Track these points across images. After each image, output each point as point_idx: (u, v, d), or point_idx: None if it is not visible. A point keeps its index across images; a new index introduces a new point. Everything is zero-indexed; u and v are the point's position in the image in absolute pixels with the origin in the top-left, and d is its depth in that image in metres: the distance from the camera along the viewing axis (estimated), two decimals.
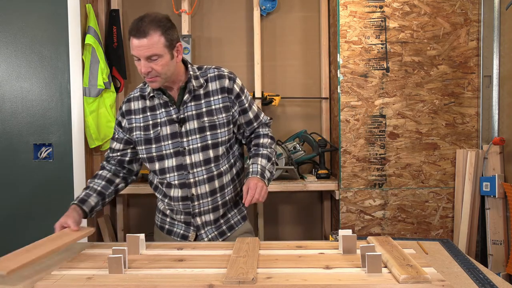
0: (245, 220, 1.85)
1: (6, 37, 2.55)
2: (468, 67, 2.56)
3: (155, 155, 1.70)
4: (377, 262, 1.24)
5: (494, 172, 2.47)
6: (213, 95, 1.70)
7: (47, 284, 1.21)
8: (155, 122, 1.70)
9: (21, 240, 2.54)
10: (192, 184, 1.69)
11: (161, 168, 1.70)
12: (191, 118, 1.67)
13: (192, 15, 2.90)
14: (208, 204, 1.72)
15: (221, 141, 1.69)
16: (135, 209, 3.01)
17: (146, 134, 1.70)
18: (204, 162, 1.68)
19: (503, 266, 2.46)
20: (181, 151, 1.68)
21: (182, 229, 1.78)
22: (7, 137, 2.56)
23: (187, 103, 1.68)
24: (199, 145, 1.67)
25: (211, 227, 1.76)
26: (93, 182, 1.76)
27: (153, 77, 1.59)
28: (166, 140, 1.68)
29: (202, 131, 1.67)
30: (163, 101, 1.69)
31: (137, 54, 1.56)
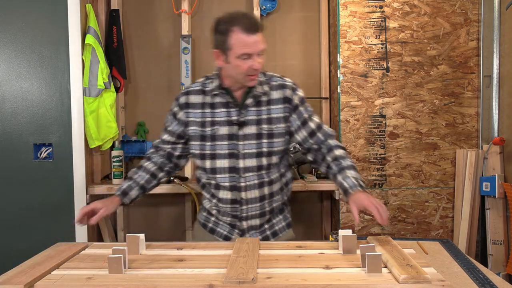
0: (289, 227, 1.84)
1: (6, 37, 2.55)
2: (468, 67, 2.56)
3: (208, 153, 1.68)
4: (377, 262, 1.24)
5: (494, 172, 2.47)
6: (274, 104, 1.68)
7: (47, 284, 1.21)
8: (213, 120, 1.67)
9: (21, 240, 2.55)
10: (242, 188, 1.68)
11: (212, 167, 1.69)
12: (251, 123, 1.66)
13: (192, 15, 2.90)
14: (256, 210, 1.72)
15: (276, 150, 1.68)
16: (135, 209, 3.01)
17: (202, 130, 1.68)
18: (257, 168, 1.67)
19: (503, 266, 2.46)
20: (235, 153, 1.66)
21: (226, 230, 1.77)
22: (7, 137, 2.56)
23: (249, 107, 1.66)
24: (255, 150, 1.66)
25: (256, 232, 1.76)
26: (137, 174, 1.77)
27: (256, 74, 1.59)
28: (222, 140, 1.66)
29: (260, 137, 1.66)
30: (225, 101, 1.67)
31: (252, 50, 1.54)
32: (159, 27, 2.95)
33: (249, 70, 1.57)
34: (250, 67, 1.56)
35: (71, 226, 2.57)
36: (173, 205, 2.98)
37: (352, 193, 1.56)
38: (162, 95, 2.95)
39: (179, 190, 2.65)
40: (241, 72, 1.58)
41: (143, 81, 2.96)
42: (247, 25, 1.53)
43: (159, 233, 2.99)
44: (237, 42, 1.53)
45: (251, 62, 1.55)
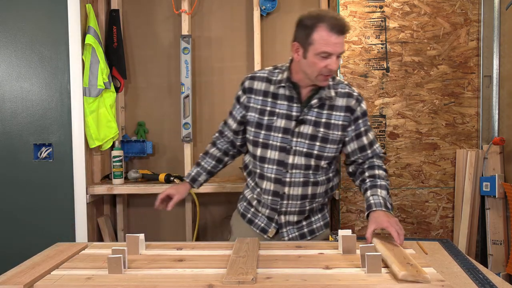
0: (327, 227, 1.86)
1: (6, 37, 2.55)
2: (468, 67, 2.56)
3: (261, 141, 1.70)
4: (376, 262, 1.24)
5: (494, 172, 2.47)
6: (337, 111, 1.68)
7: (47, 284, 1.21)
8: (273, 110, 1.68)
9: (21, 240, 2.55)
10: (286, 183, 1.69)
11: (262, 156, 1.71)
12: (309, 123, 1.66)
13: (192, 15, 2.90)
14: (296, 207, 1.73)
15: (326, 155, 1.69)
16: (135, 209, 3.01)
17: (260, 118, 1.70)
18: (304, 166, 1.68)
19: (503, 266, 2.46)
20: (287, 148, 1.67)
21: (263, 222, 1.79)
22: (7, 137, 2.56)
23: (312, 107, 1.67)
24: (305, 150, 1.67)
25: (293, 227, 1.77)
26: (205, 160, 1.89)
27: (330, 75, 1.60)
28: (277, 132, 1.68)
29: (313, 139, 1.67)
30: (289, 95, 1.67)
31: (334, 51, 1.54)
32: (159, 27, 2.95)
33: (324, 69, 1.56)
34: (326, 66, 1.55)
35: (71, 226, 2.57)
36: None
37: (375, 211, 1.57)
38: (162, 95, 2.96)
39: None
40: (316, 70, 1.57)
41: (143, 81, 2.96)
42: (334, 25, 1.52)
43: (159, 233, 2.99)
44: (320, 39, 1.53)
45: (329, 62, 1.55)
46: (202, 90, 2.94)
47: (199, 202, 2.70)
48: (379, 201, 1.59)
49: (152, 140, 2.95)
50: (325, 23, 1.53)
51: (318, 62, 1.55)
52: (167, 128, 2.96)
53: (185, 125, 2.82)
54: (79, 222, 2.57)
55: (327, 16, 1.55)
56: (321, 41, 1.53)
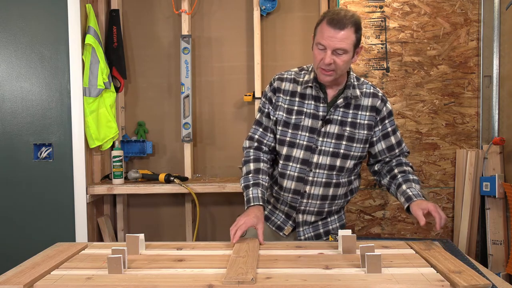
0: (343, 228, 1.84)
1: (6, 37, 2.55)
2: (468, 67, 2.56)
3: (288, 140, 1.71)
4: (376, 262, 1.24)
5: (494, 172, 2.47)
6: (362, 110, 1.70)
7: (46, 284, 1.21)
8: (300, 110, 1.70)
9: (21, 240, 2.55)
10: (309, 182, 1.71)
11: (287, 154, 1.72)
12: (335, 122, 1.68)
13: (192, 15, 2.90)
14: (315, 206, 1.74)
15: (352, 155, 1.70)
16: (135, 209, 3.01)
17: (287, 117, 1.71)
18: (328, 167, 1.69)
19: (503, 266, 2.46)
20: (312, 147, 1.69)
21: (280, 220, 1.80)
22: (7, 137, 2.56)
23: (338, 107, 1.68)
24: (331, 149, 1.68)
25: (309, 227, 1.78)
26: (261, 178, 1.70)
27: (331, 70, 1.60)
28: (304, 131, 1.69)
29: (340, 138, 1.68)
30: (315, 95, 1.69)
31: (327, 44, 1.56)
32: (159, 27, 2.95)
33: (320, 62, 1.59)
34: (321, 59, 1.58)
35: (71, 226, 2.57)
36: (173, 205, 2.98)
37: (416, 200, 1.58)
38: (162, 95, 2.96)
39: (179, 190, 2.65)
40: (316, 62, 1.62)
41: (143, 81, 2.96)
42: (331, 19, 1.56)
43: (159, 233, 2.99)
44: (320, 31, 1.59)
45: (323, 55, 1.57)
46: (202, 90, 2.94)
47: (199, 202, 2.70)
48: (417, 192, 1.61)
49: (152, 140, 2.95)
50: (327, 17, 1.58)
51: (316, 54, 1.60)
52: (167, 128, 2.96)
53: (185, 125, 2.82)
54: (79, 222, 2.57)
55: (331, 11, 1.59)
56: (319, 33, 1.59)
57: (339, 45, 1.55)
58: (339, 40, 1.55)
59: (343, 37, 1.55)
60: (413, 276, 1.22)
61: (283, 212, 1.79)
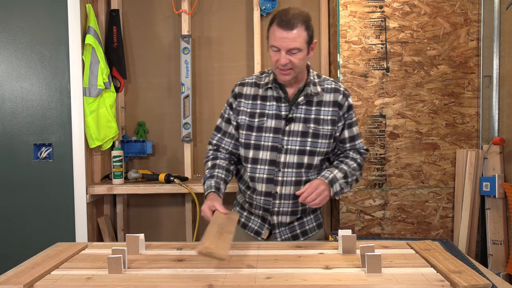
0: (320, 228, 1.85)
1: (6, 37, 2.55)
2: (468, 67, 2.56)
3: (252, 143, 1.72)
4: (376, 262, 1.24)
5: (494, 172, 2.47)
6: (325, 106, 1.72)
7: (47, 284, 1.21)
8: (263, 112, 1.72)
9: (21, 240, 2.55)
10: (279, 182, 1.70)
11: (254, 157, 1.72)
12: (298, 120, 1.69)
13: (192, 15, 2.90)
14: (289, 206, 1.74)
15: (318, 151, 1.71)
16: (135, 209, 3.01)
17: (250, 120, 1.73)
18: (296, 165, 1.70)
19: (503, 266, 2.46)
20: (278, 147, 1.69)
21: (257, 225, 1.79)
22: (7, 137, 2.56)
23: (300, 104, 1.70)
24: (297, 147, 1.69)
25: (285, 228, 1.77)
26: (216, 171, 1.74)
27: (288, 69, 1.62)
28: (268, 132, 1.70)
29: (305, 135, 1.69)
30: (276, 95, 1.71)
31: (280, 45, 1.58)
32: (159, 27, 2.95)
33: (276, 63, 1.62)
34: (277, 61, 1.61)
35: (71, 226, 2.57)
36: (173, 205, 2.98)
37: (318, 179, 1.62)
38: (162, 95, 2.96)
39: (179, 190, 2.65)
40: (273, 64, 1.64)
41: (143, 81, 2.96)
42: (281, 20, 1.58)
43: (159, 233, 2.99)
44: (271, 33, 1.62)
45: (279, 56, 1.60)
46: (202, 90, 2.94)
47: (199, 202, 2.70)
48: (328, 175, 1.63)
49: (152, 140, 2.95)
50: (276, 18, 1.60)
51: (272, 56, 1.62)
52: (167, 128, 2.96)
53: (185, 125, 2.82)
54: (79, 222, 2.57)
55: (281, 12, 1.61)
56: (271, 36, 1.61)
57: (292, 45, 1.57)
58: (291, 40, 1.57)
59: (294, 36, 1.57)
60: (413, 276, 1.22)
61: (259, 216, 1.79)
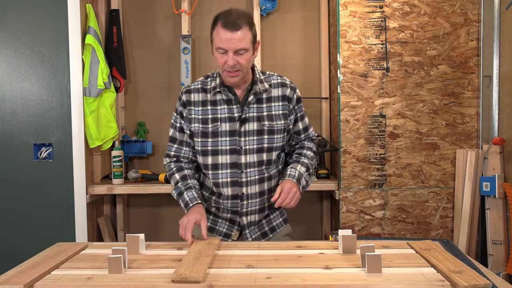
0: (286, 223, 1.87)
1: (6, 37, 2.55)
2: (468, 67, 2.56)
3: (210, 149, 1.71)
4: (377, 262, 1.24)
5: (494, 172, 2.47)
6: (275, 101, 1.74)
7: (47, 284, 1.21)
8: (215, 117, 1.70)
9: (21, 240, 2.55)
10: (243, 183, 1.71)
11: (214, 163, 1.71)
12: (252, 120, 1.70)
13: (192, 15, 2.90)
14: (256, 205, 1.75)
15: (275, 146, 1.73)
16: (135, 209, 3.01)
17: (204, 127, 1.71)
18: (257, 163, 1.71)
19: (503, 266, 2.46)
20: (237, 149, 1.69)
21: (225, 228, 1.79)
22: (7, 137, 2.56)
23: (251, 104, 1.71)
24: (255, 146, 1.70)
25: (255, 227, 1.78)
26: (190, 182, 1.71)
27: (236, 71, 1.61)
28: (224, 136, 1.70)
29: (261, 133, 1.70)
30: (226, 98, 1.70)
31: (227, 47, 1.58)
32: (159, 27, 2.95)
33: (224, 65, 1.61)
34: (225, 62, 1.60)
35: (71, 226, 2.57)
36: (173, 205, 2.98)
37: (286, 180, 1.68)
38: (162, 95, 2.96)
39: None
40: (220, 66, 1.63)
41: (143, 81, 2.96)
42: (226, 21, 1.57)
43: (159, 233, 2.99)
44: (216, 35, 1.60)
45: (226, 58, 1.59)
46: None
47: None
48: (294, 173, 1.70)
49: (152, 140, 2.95)
50: (220, 20, 1.59)
51: (219, 58, 1.61)
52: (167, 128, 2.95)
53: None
54: (79, 222, 2.57)
55: (225, 13, 1.61)
56: (217, 38, 1.60)
57: (240, 45, 1.57)
58: (238, 40, 1.57)
59: (241, 37, 1.57)
60: (413, 276, 1.22)
61: (226, 219, 1.78)
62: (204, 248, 1.45)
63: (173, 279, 1.19)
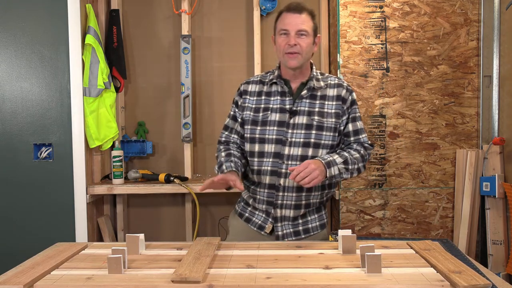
0: (323, 228, 1.85)
1: (6, 37, 2.55)
2: (468, 67, 2.56)
3: (257, 137, 1.74)
4: (377, 262, 1.24)
5: (494, 172, 2.47)
6: (329, 100, 1.75)
7: (46, 284, 1.21)
8: (267, 106, 1.76)
9: (21, 240, 2.55)
10: (282, 174, 1.71)
11: (260, 150, 1.74)
12: (302, 113, 1.72)
13: (192, 15, 2.90)
14: (292, 199, 1.74)
15: (323, 143, 1.72)
16: (135, 209, 3.01)
17: (255, 115, 1.76)
18: (301, 157, 1.71)
19: (503, 266, 2.46)
20: (283, 140, 1.71)
21: (261, 219, 1.79)
22: (7, 137, 2.56)
23: (303, 98, 1.74)
24: (302, 140, 1.71)
25: (288, 223, 1.77)
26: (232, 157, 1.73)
27: (296, 52, 1.67)
28: (272, 125, 1.73)
29: (309, 128, 1.71)
30: (281, 90, 1.76)
31: (289, 27, 1.66)
32: (159, 27, 2.95)
33: (285, 47, 1.67)
34: (287, 43, 1.67)
35: (71, 226, 2.57)
36: (173, 205, 2.98)
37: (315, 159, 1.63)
38: (162, 95, 2.96)
39: (179, 190, 2.65)
40: (281, 50, 1.69)
41: (143, 81, 2.96)
42: (289, 6, 1.69)
43: (159, 233, 2.99)
44: (280, 20, 1.72)
45: (287, 39, 1.67)
46: (202, 90, 2.94)
47: (199, 202, 2.70)
48: (327, 158, 1.64)
49: (152, 140, 2.95)
50: (284, 9, 1.71)
51: (280, 41, 1.70)
52: (167, 128, 2.96)
53: (185, 125, 2.82)
54: (79, 222, 2.57)
55: (288, 4, 1.72)
56: (280, 22, 1.71)
57: (301, 26, 1.66)
58: (300, 22, 1.67)
59: (303, 20, 1.67)
60: (413, 276, 1.22)
61: (263, 210, 1.79)
62: (204, 248, 1.45)
63: (173, 279, 1.19)
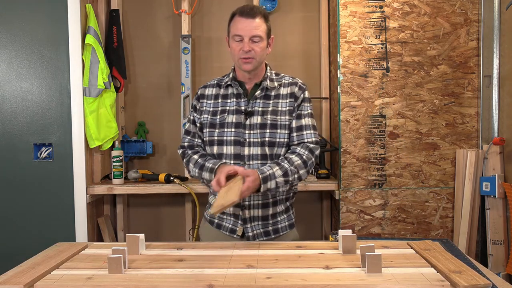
0: (292, 228, 1.86)
1: (6, 37, 2.55)
2: (468, 67, 2.56)
3: (216, 139, 1.77)
4: (377, 262, 1.24)
5: (494, 172, 2.47)
6: (282, 98, 1.79)
7: (47, 284, 1.21)
8: (224, 109, 1.79)
9: (21, 240, 2.55)
10: None
11: (219, 153, 1.76)
12: (256, 114, 1.75)
13: (192, 15, 2.90)
14: (259, 199, 1.76)
15: (278, 141, 1.74)
16: (135, 209, 3.01)
17: (212, 118, 1.79)
18: (261, 156, 1.73)
19: (503, 266, 2.46)
20: (241, 141, 1.73)
21: (230, 223, 1.80)
22: (7, 137, 2.56)
23: (257, 98, 1.77)
24: (259, 140, 1.73)
25: (258, 223, 1.78)
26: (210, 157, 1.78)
27: (250, 57, 1.69)
28: (229, 127, 1.75)
29: (263, 127, 1.74)
30: (236, 92, 1.79)
31: (243, 33, 1.68)
32: (159, 27, 2.95)
33: (240, 52, 1.69)
34: (240, 49, 1.69)
35: (71, 226, 2.57)
36: (173, 205, 2.98)
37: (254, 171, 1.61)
38: (162, 95, 2.96)
39: (179, 190, 2.65)
40: (235, 55, 1.72)
41: (143, 81, 2.96)
42: (242, 11, 1.69)
43: (159, 233, 2.99)
44: (233, 24, 1.72)
45: (241, 45, 1.69)
46: None
47: (199, 202, 2.70)
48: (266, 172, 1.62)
49: (152, 140, 2.95)
50: (237, 12, 1.72)
51: (235, 47, 1.71)
52: (167, 128, 2.96)
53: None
54: (79, 222, 2.57)
55: (240, 7, 1.73)
56: (233, 26, 1.72)
57: (255, 31, 1.67)
58: (254, 27, 1.67)
59: (257, 25, 1.68)
60: (413, 276, 1.22)
61: (230, 214, 1.79)
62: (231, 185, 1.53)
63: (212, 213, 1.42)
